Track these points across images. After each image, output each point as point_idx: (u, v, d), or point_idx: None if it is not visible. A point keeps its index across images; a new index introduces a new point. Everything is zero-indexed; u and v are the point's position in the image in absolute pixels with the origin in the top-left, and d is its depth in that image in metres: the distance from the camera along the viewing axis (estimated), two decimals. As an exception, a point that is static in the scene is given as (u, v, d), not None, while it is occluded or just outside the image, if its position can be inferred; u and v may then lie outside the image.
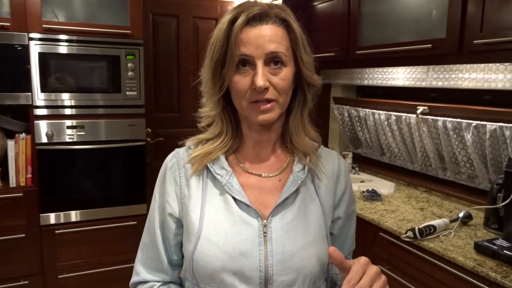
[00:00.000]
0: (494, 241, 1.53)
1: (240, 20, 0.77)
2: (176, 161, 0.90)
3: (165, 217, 0.89)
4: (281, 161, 0.91)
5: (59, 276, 2.50)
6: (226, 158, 0.88)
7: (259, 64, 0.78)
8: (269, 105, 0.80)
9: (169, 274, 0.92)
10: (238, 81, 0.80)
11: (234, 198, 0.84)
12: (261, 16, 0.78)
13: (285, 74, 0.80)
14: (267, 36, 0.78)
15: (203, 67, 0.85)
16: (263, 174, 0.88)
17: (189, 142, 0.92)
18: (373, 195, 2.19)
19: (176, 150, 0.93)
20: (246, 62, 0.79)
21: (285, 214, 0.84)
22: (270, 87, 0.79)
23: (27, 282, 2.42)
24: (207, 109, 0.86)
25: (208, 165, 0.86)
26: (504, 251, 1.44)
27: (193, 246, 0.82)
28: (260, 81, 0.77)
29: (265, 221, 0.82)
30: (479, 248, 1.51)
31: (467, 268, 1.44)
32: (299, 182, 0.86)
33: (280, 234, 0.82)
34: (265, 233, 0.81)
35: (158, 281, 0.92)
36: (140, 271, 0.92)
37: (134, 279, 0.94)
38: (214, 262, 0.80)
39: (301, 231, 0.83)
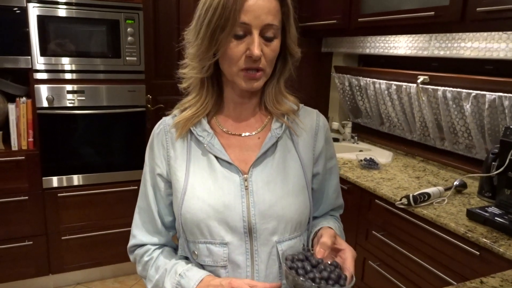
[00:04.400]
0: (486, 208, 1.56)
1: None
2: (163, 128, 0.96)
3: (155, 178, 0.95)
4: (260, 121, 0.96)
5: (62, 238, 2.57)
6: (208, 121, 0.93)
7: (256, 33, 0.81)
8: (258, 74, 0.85)
9: (163, 235, 0.98)
10: (233, 47, 0.83)
11: (216, 157, 0.90)
12: None
13: (276, 45, 0.85)
14: (266, 8, 0.81)
15: (190, 30, 0.88)
16: (243, 134, 0.94)
17: (175, 110, 0.98)
18: (370, 164, 2.21)
19: (163, 118, 1.00)
20: (242, 30, 0.82)
21: (265, 168, 0.90)
22: (262, 57, 0.83)
23: (31, 242, 2.49)
24: (193, 72, 0.89)
25: (191, 128, 0.92)
26: (496, 218, 1.47)
27: (180, 201, 0.89)
28: (257, 51, 0.81)
29: (245, 175, 0.89)
30: (471, 214, 1.54)
31: (458, 233, 1.48)
32: (277, 137, 0.92)
33: (260, 186, 0.88)
34: (246, 186, 0.88)
35: (154, 244, 0.98)
36: (137, 233, 0.98)
37: (131, 242, 1.00)
38: (200, 214, 0.86)
39: (280, 182, 0.90)
